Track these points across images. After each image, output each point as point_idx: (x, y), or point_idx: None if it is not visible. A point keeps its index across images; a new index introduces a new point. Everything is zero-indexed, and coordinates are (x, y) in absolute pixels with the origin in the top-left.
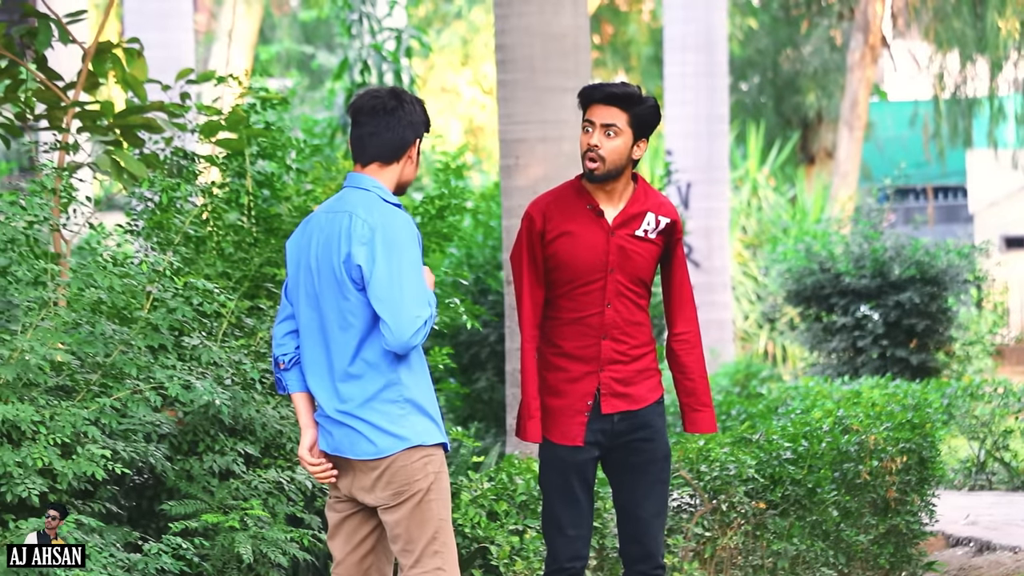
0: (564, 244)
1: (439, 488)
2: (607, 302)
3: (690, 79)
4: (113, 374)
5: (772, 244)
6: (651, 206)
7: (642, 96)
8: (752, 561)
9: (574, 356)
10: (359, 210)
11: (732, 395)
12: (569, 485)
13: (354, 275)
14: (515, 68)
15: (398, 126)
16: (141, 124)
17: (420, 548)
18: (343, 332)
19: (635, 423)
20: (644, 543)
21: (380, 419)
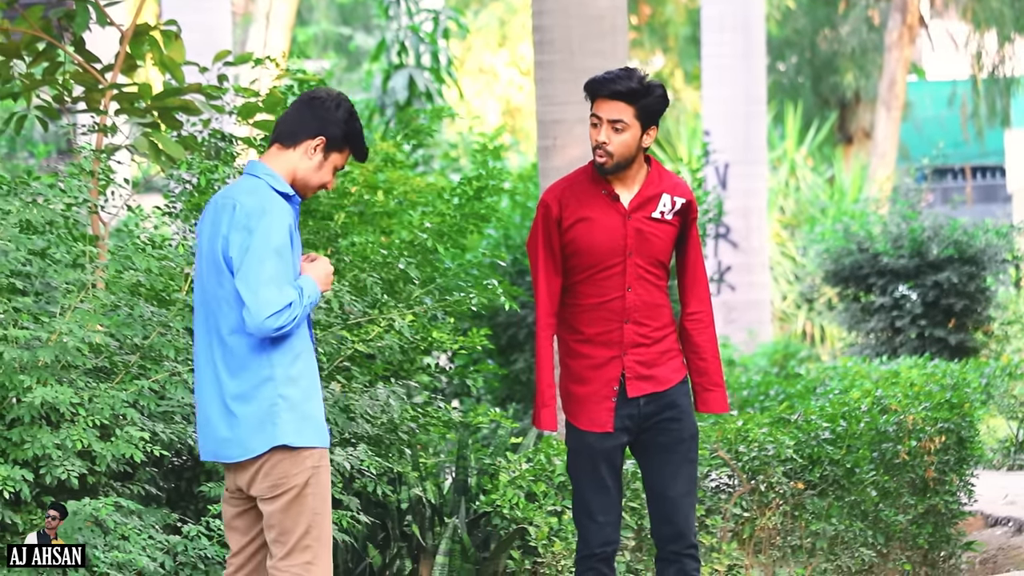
0: (582, 230)
1: (317, 483)
2: (628, 286)
3: (727, 60)
4: (151, 356)
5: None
6: (666, 187)
7: (648, 87)
8: (791, 541)
9: (597, 342)
10: (242, 198)
11: (770, 375)
12: (598, 472)
13: (230, 263)
14: (553, 49)
15: (306, 115)
16: (179, 106)
17: (293, 541)
18: (223, 321)
19: (662, 404)
20: (676, 523)
21: (252, 417)
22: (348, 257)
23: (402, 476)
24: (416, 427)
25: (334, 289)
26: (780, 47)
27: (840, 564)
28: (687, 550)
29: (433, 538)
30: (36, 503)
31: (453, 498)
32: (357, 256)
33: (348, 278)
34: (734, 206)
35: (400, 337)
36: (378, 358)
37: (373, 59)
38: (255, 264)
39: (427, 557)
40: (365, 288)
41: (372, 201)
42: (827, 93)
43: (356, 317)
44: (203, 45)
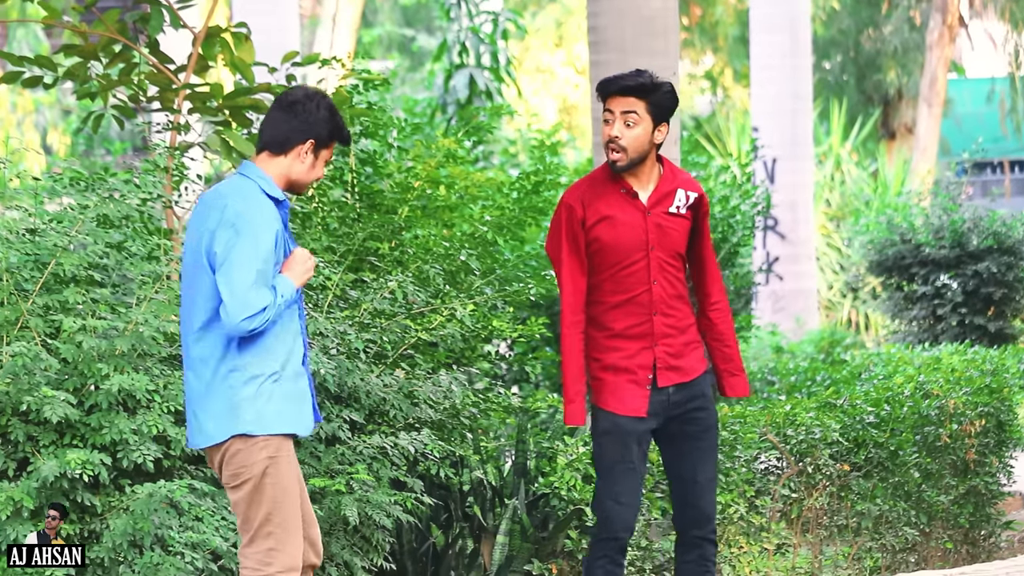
0: (605, 228)
1: (276, 472)
2: (653, 279)
3: (775, 59)
4: None
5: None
6: (680, 183)
7: (657, 83)
8: (837, 521)
9: (628, 336)
10: (233, 198)
11: (817, 362)
12: (629, 454)
13: (211, 259)
14: (607, 49)
15: (292, 121)
16: (249, 105)
17: (254, 529)
18: (198, 314)
19: (689, 394)
20: (701, 507)
21: (217, 406)
22: (411, 249)
23: (464, 459)
24: (477, 412)
25: (398, 280)
26: (826, 46)
27: (884, 543)
28: (710, 534)
29: (494, 519)
30: (114, 486)
31: (513, 480)
32: (420, 248)
33: (411, 269)
34: (782, 199)
35: (462, 326)
36: (440, 346)
37: (435, 59)
38: (239, 265)
39: (488, 537)
40: (428, 279)
41: (434, 195)
42: (871, 90)
43: (419, 307)
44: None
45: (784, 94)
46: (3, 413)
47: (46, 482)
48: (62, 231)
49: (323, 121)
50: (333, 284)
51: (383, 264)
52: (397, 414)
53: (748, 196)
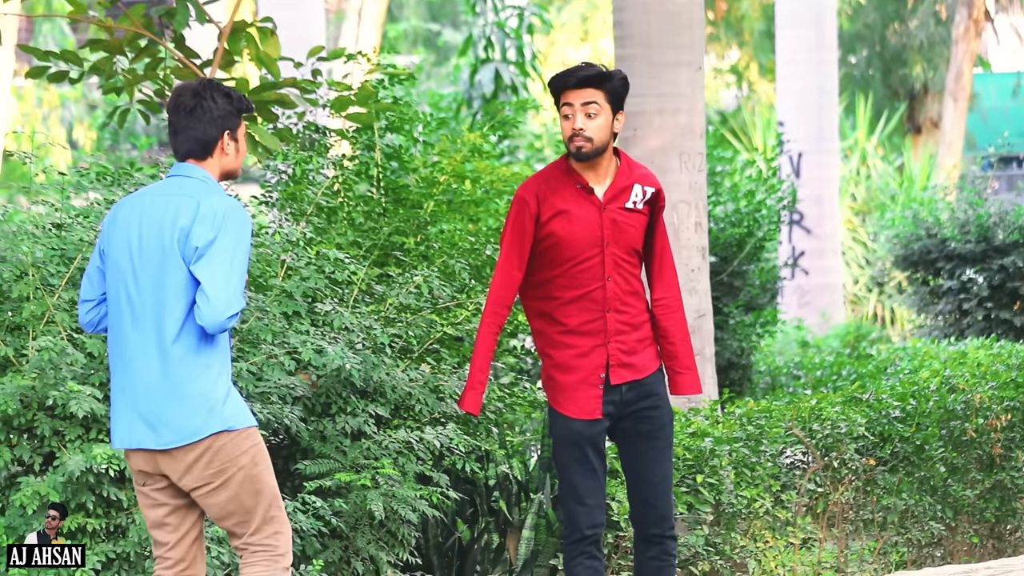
0: (560, 223)
1: (262, 457)
2: (607, 275)
3: (801, 53)
4: (249, 339)
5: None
6: (636, 178)
7: (610, 72)
8: (863, 515)
9: (581, 332)
10: (203, 196)
11: (842, 356)
12: (586, 457)
13: (187, 254)
14: (632, 44)
15: (199, 124)
16: (275, 100)
17: (258, 516)
18: (164, 314)
19: (642, 392)
20: (657, 506)
21: (197, 402)
22: (437, 244)
23: (489, 454)
24: (503, 407)
25: (424, 275)
26: (851, 41)
27: (910, 537)
28: (668, 531)
29: (519, 513)
30: None
31: (539, 475)
32: (446, 243)
33: (437, 264)
34: (807, 194)
35: None
36: (466, 340)
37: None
38: (227, 262)
39: (513, 531)
40: (453, 273)
41: (460, 190)
42: (896, 85)
43: (445, 301)
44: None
45: (810, 88)
46: (29, 408)
47: (72, 477)
48: (88, 226)
49: (225, 110)
50: (359, 279)
51: (409, 259)
52: (423, 408)
53: (774, 191)
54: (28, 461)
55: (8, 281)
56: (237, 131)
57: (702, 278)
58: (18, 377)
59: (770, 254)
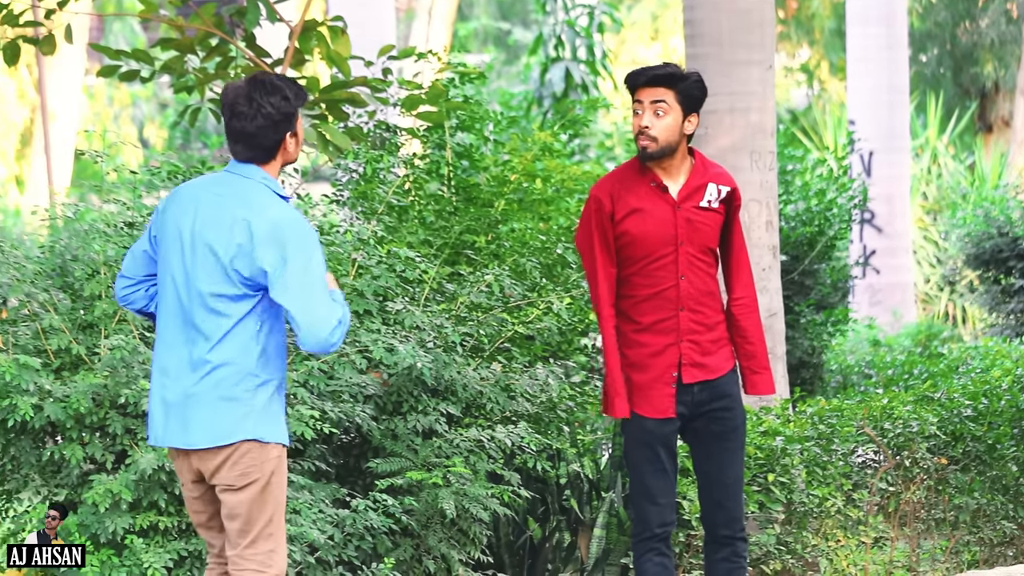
0: (634, 222)
1: (280, 473)
2: (680, 274)
3: (872, 51)
4: None
5: (952, 210)
6: (711, 177)
7: (685, 73)
8: (934, 515)
9: (654, 330)
10: (260, 209)
11: (914, 355)
12: (657, 456)
13: (246, 271)
14: (703, 42)
15: (260, 131)
16: (345, 99)
17: (257, 530)
18: (211, 317)
19: (714, 392)
20: (728, 508)
21: (231, 406)
22: (508, 243)
23: (561, 452)
24: (574, 405)
25: (495, 273)
26: (922, 39)
27: (982, 536)
28: (739, 533)
29: (591, 512)
30: None
31: (610, 473)
32: (517, 242)
33: (508, 263)
34: (878, 192)
35: (558, 319)
36: (537, 339)
37: (531, 53)
38: (306, 283)
39: (585, 530)
40: (524, 272)
41: (531, 189)
42: (967, 83)
43: (516, 300)
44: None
45: (881, 87)
46: (101, 406)
47: (144, 475)
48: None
49: (284, 113)
50: (430, 278)
51: (480, 257)
52: (494, 407)
53: (845, 189)
54: (100, 459)
55: (80, 279)
56: (296, 126)
57: (773, 277)
58: (90, 375)
59: (841, 253)
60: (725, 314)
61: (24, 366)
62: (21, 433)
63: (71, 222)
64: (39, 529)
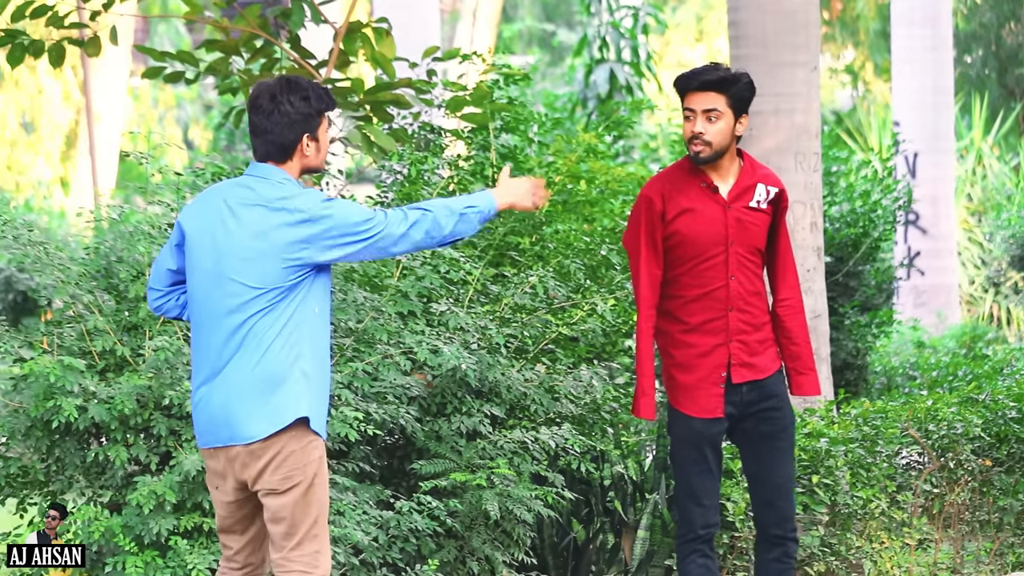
0: (685, 221)
1: (322, 473)
2: (730, 274)
3: (916, 53)
4: (365, 339)
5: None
6: (759, 178)
7: (736, 76)
8: (979, 516)
9: (703, 330)
10: (277, 195)
11: (958, 356)
12: (704, 457)
13: (286, 254)
14: (748, 44)
15: (277, 128)
16: (390, 100)
17: (303, 532)
18: (238, 312)
19: (763, 392)
20: (780, 507)
21: (275, 397)
22: (552, 244)
23: (605, 454)
24: (618, 407)
25: (539, 275)
26: (967, 40)
27: None
28: (790, 533)
29: (634, 513)
30: None
31: (654, 475)
32: (561, 243)
33: (552, 264)
34: (923, 194)
35: (602, 320)
36: (581, 341)
37: (576, 54)
38: (348, 219)
39: (629, 532)
40: (569, 274)
41: (575, 190)
42: (1012, 84)
43: (560, 302)
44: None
45: (926, 88)
46: (146, 407)
47: (188, 476)
48: None
49: (303, 113)
50: (474, 279)
51: (524, 259)
52: (538, 409)
53: (889, 191)
54: (145, 460)
55: (125, 281)
56: (317, 131)
57: (818, 278)
58: (135, 377)
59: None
60: (771, 315)
61: (69, 367)
62: (66, 434)
63: (116, 224)
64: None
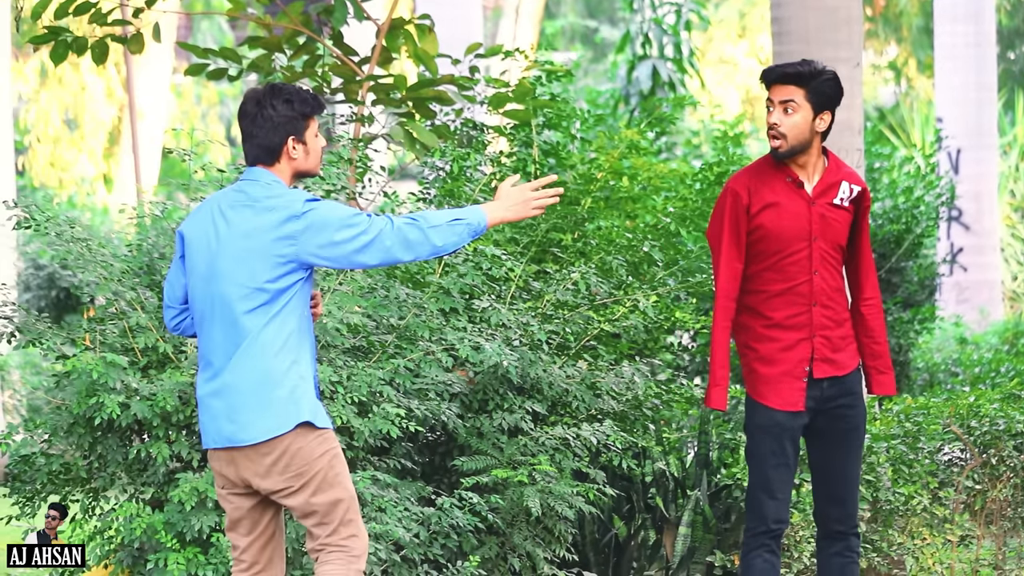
0: (770, 216)
1: (339, 459)
2: (814, 270)
3: (959, 49)
4: (407, 336)
5: None
6: (844, 176)
7: (818, 70)
8: (1021, 513)
9: (786, 326)
10: (269, 196)
11: (1001, 353)
12: (783, 449)
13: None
14: (790, 40)
15: (261, 131)
16: (432, 96)
17: (337, 519)
18: (232, 312)
19: (842, 389)
20: (846, 504)
21: (273, 401)
22: (594, 240)
23: (646, 450)
24: (660, 403)
25: (581, 271)
26: (1010, 36)
27: None
28: (852, 529)
29: (676, 510)
30: None
31: (695, 471)
32: (603, 239)
33: (594, 260)
34: (966, 190)
35: (644, 317)
36: (623, 337)
37: (618, 50)
38: (333, 215)
39: (670, 528)
40: (611, 270)
41: (617, 187)
42: None
43: (602, 298)
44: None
45: (969, 84)
46: (188, 404)
47: None
48: None
49: (286, 116)
50: (516, 276)
51: (566, 255)
52: (580, 405)
53: (932, 187)
54: (187, 457)
55: None
56: (304, 134)
57: None
58: (177, 374)
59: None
60: (852, 313)
61: (111, 364)
62: (108, 431)
63: (158, 220)
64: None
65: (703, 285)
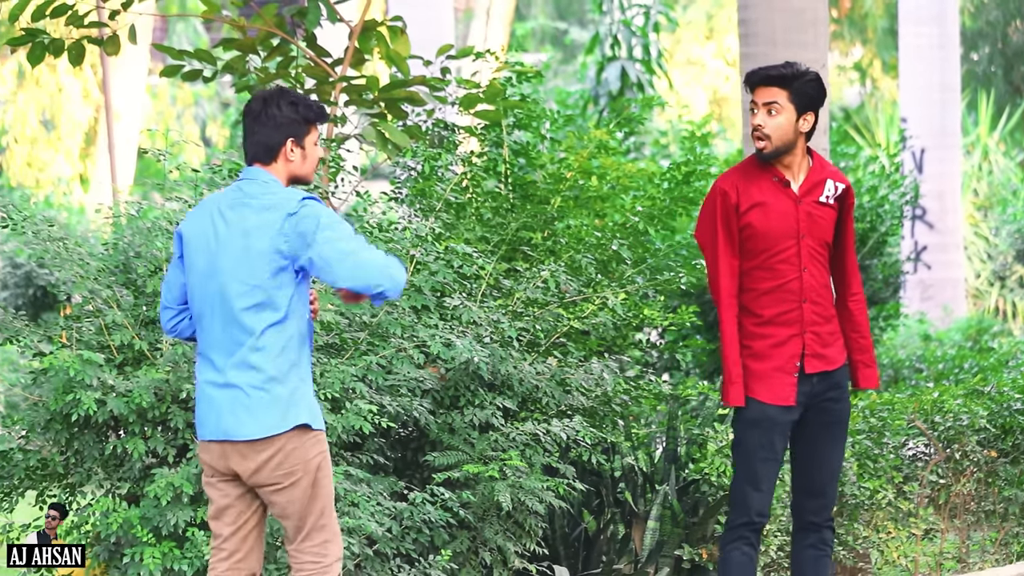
0: (757, 215)
1: (326, 464)
2: (803, 267)
3: (924, 50)
4: (379, 333)
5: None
6: (828, 174)
7: (801, 72)
8: (984, 507)
9: (777, 322)
10: (286, 201)
11: (964, 349)
12: (772, 444)
13: (281, 248)
14: (757, 41)
15: (264, 129)
16: (404, 97)
17: (311, 524)
18: (232, 309)
19: (830, 383)
20: (826, 496)
21: (274, 399)
22: (564, 239)
23: (615, 446)
24: (628, 399)
25: (551, 269)
26: (973, 38)
27: None
28: (827, 521)
29: (645, 504)
30: None
31: (664, 466)
32: (572, 238)
33: (564, 259)
34: (929, 189)
35: (613, 314)
36: (592, 334)
37: (588, 52)
38: (348, 243)
39: (639, 522)
40: (580, 268)
41: (587, 186)
42: (1018, 81)
43: (571, 296)
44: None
45: (932, 85)
46: (163, 400)
47: None
48: None
49: (289, 118)
50: (487, 274)
51: (536, 254)
52: (549, 401)
53: (896, 186)
54: (162, 453)
55: (143, 276)
56: (304, 139)
57: None
58: (152, 371)
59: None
60: (838, 308)
61: (88, 361)
62: (84, 427)
63: (134, 220)
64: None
65: (671, 283)
